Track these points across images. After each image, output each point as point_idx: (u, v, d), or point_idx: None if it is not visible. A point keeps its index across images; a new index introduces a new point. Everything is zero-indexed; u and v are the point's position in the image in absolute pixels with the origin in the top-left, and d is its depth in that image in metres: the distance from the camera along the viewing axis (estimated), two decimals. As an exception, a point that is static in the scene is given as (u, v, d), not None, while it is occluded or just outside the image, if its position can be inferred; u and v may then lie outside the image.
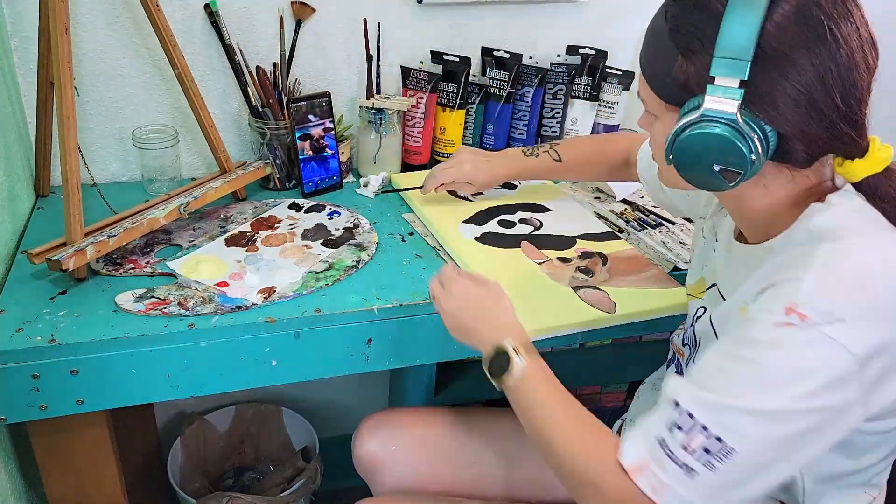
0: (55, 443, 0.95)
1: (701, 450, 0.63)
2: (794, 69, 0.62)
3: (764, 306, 0.65)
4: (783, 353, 0.62)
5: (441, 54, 1.31)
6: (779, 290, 0.65)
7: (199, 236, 1.09)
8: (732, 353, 0.65)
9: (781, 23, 0.62)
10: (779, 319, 0.62)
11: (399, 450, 1.09)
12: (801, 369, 0.61)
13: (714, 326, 0.80)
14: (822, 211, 0.68)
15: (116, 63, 1.18)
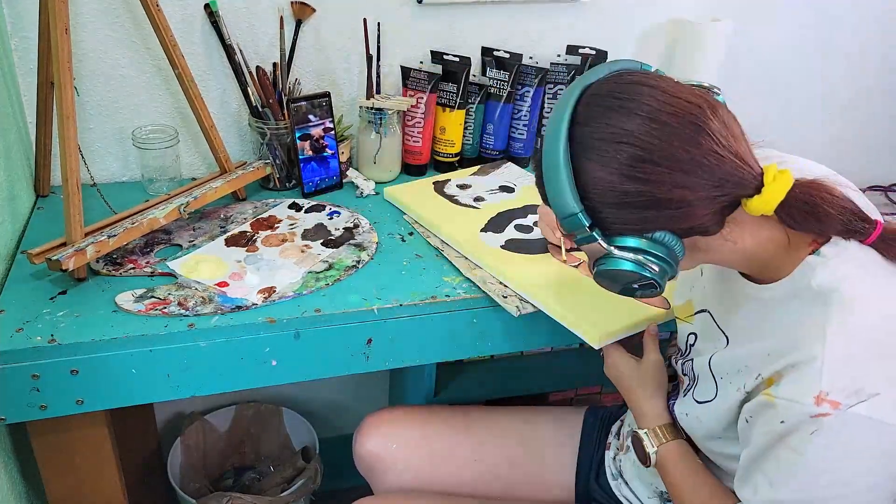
0: (55, 443, 0.95)
1: None
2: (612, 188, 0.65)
3: (791, 396, 0.65)
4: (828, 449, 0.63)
5: (441, 54, 1.31)
6: (801, 376, 0.65)
7: (199, 236, 1.09)
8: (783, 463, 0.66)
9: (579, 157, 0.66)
10: (811, 411, 0.63)
11: (400, 448, 1.09)
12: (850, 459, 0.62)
13: (713, 371, 0.79)
14: (820, 266, 0.68)
15: (116, 63, 1.18)
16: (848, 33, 1.55)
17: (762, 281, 0.74)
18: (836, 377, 0.62)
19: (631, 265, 0.68)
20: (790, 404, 0.65)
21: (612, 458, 1.02)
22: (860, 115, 1.66)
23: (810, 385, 0.63)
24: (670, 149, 0.64)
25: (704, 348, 0.83)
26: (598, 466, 1.04)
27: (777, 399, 0.66)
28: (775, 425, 0.66)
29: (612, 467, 1.01)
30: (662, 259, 0.68)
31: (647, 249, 0.67)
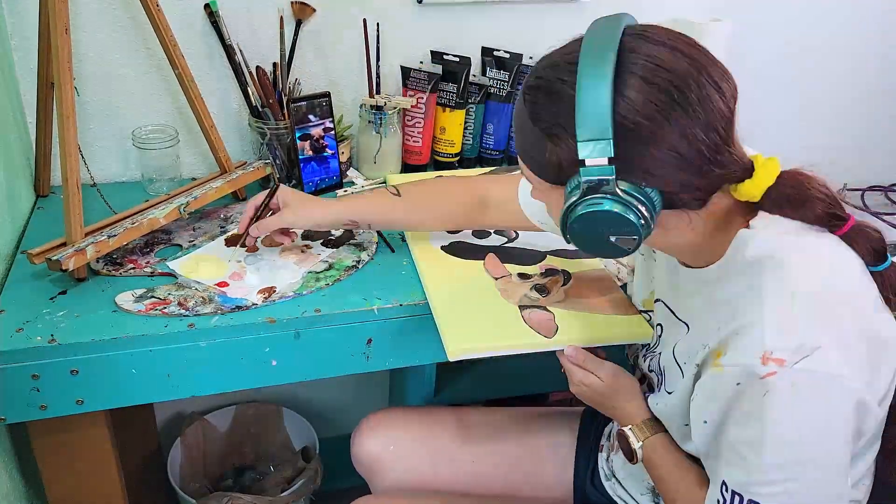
0: (55, 443, 0.95)
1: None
2: (658, 136, 0.64)
3: (738, 360, 0.66)
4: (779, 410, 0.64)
5: (441, 54, 1.31)
6: (744, 340, 0.67)
7: (199, 236, 1.09)
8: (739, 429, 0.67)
9: (632, 97, 0.64)
10: (759, 371, 0.64)
11: (399, 449, 1.09)
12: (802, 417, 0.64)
13: (678, 360, 0.80)
14: (752, 238, 0.70)
15: (116, 63, 1.18)
16: (848, 33, 1.55)
17: (698, 266, 0.77)
18: (777, 336, 0.64)
19: (623, 208, 0.66)
20: (737, 368, 0.66)
21: (605, 459, 1.02)
22: (860, 115, 1.66)
23: (754, 347, 0.65)
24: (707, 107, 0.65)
25: (668, 339, 0.84)
26: (594, 468, 1.04)
27: (725, 367, 0.68)
28: (728, 391, 0.67)
29: (605, 468, 1.01)
30: (650, 213, 0.67)
31: (643, 199, 0.67)
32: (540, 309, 0.95)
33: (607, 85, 0.64)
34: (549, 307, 0.96)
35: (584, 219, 0.69)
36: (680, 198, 0.68)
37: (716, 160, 0.66)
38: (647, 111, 0.64)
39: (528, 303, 0.96)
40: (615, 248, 0.70)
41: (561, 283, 1.01)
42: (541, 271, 1.03)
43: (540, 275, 1.02)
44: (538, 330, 0.92)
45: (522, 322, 0.93)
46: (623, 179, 0.66)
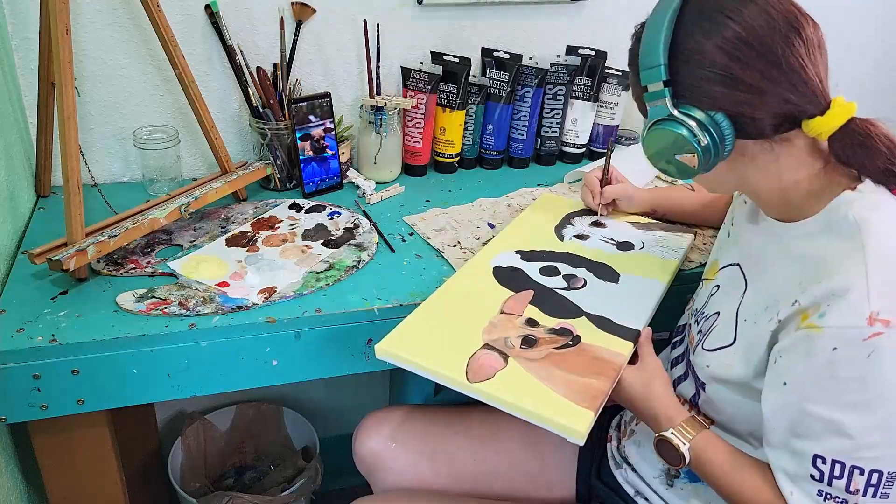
0: (56, 443, 0.95)
1: (868, 486, 0.68)
2: (701, 55, 0.71)
3: (842, 321, 0.66)
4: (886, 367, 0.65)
5: (441, 55, 1.32)
6: (847, 301, 0.67)
7: (199, 236, 1.09)
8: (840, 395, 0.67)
9: (684, 23, 0.72)
10: (864, 333, 0.65)
11: (400, 448, 1.09)
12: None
13: (738, 316, 0.81)
14: (857, 200, 0.72)
15: (117, 63, 1.18)
16: (847, 33, 1.55)
17: (789, 221, 0.78)
18: (883, 297, 0.65)
19: (686, 131, 0.73)
20: (841, 330, 0.66)
21: (616, 447, 1.02)
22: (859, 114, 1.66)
23: (860, 309, 0.66)
24: (769, 39, 0.70)
25: (726, 297, 0.85)
26: (599, 461, 1.04)
27: (826, 328, 0.67)
28: (823, 355, 0.67)
29: (617, 456, 1.01)
30: (713, 139, 0.72)
31: (705, 123, 0.72)
32: (500, 355, 0.85)
33: (666, 17, 0.72)
34: (513, 358, 0.85)
35: (648, 141, 0.78)
36: (748, 121, 0.72)
37: (775, 79, 0.69)
38: (691, 32, 0.72)
39: (499, 346, 0.86)
40: (684, 167, 0.77)
41: (557, 345, 0.88)
42: (556, 326, 0.91)
43: (549, 329, 0.90)
44: (471, 370, 0.82)
45: (466, 357, 0.84)
46: (684, 103, 0.73)
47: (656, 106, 0.75)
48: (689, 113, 0.73)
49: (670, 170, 0.79)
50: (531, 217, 1.17)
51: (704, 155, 0.73)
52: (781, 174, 0.76)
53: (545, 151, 1.44)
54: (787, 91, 0.70)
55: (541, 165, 1.45)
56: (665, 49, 0.72)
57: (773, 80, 0.70)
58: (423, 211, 1.21)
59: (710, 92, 0.72)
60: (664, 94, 0.73)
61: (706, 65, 0.71)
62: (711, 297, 0.89)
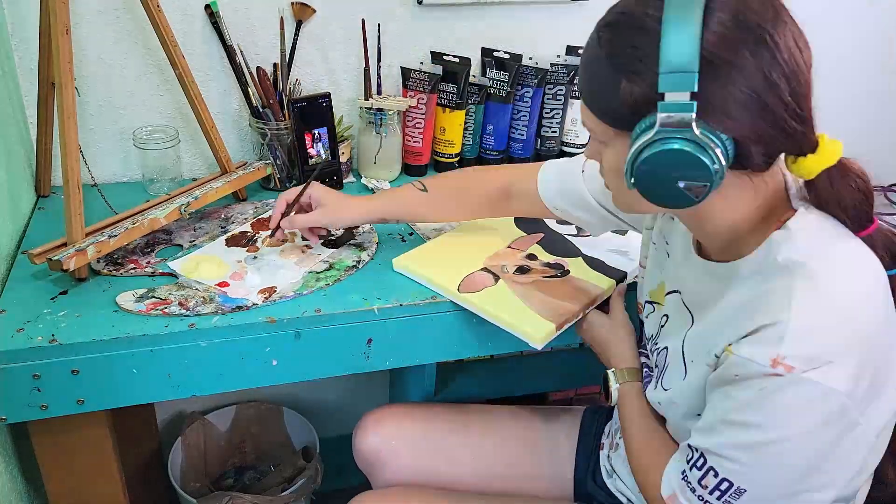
0: (56, 443, 0.95)
1: (716, 489, 0.70)
2: (741, 74, 0.62)
3: (750, 356, 0.67)
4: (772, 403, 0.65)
5: (441, 55, 1.32)
6: (762, 338, 0.66)
7: (199, 236, 1.09)
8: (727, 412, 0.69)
9: (720, 31, 0.62)
10: (766, 371, 0.65)
11: (400, 444, 1.09)
12: (792, 412, 0.65)
13: (685, 353, 0.80)
14: (786, 241, 0.69)
15: (117, 63, 1.18)
16: (847, 33, 1.55)
17: (722, 259, 0.76)
18: (795, 345, 0.64)
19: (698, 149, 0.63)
20: (745, 362, 0.67)
21: (606, 455, 1.02)
22: (859, 115, 1.66)
23: (769, 348, 0.65)
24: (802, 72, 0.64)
25: (674, 330, 0.84)
26: (595, 466, 1.05)
27: (734, 355, 0.68)
28: (728, 376, 0.69)
29: (607, 465, 1.02)
30: (723, 162, 0.64)
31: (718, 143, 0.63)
32: (493, 277, 0.99)
33: (697, 17, 0.61)
34: (503, 280, 0.99)
35: (656, 159, 0.65)
36: (750, 151, 0.65)
37: (794, 113, 0.64)
38: (733, 46, 0.62)
39: (495, 270, 1.01)
40: (682, 196, 0.67)
41: (546, 275, 1.02)
42: (551, 261, 1.05)
43: (545, 262, 1.04)
44: (464, 284, 0.97)
45: (462, 274, 0.99)
46: (700, 119, 0.63)
47: (671, 121, 0.63)
48: (709, 135, 0.63)
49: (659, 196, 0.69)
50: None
51: (714, 183, 0.65)
52: (740, 207, 0.71)
53: (545, 151, 1.44)
54: (798, 124, 0.65)
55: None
56: (698, 54, 0.61)
57: (796, 116, 0.65)
58: (423, 211, 1.21)
59: (735, 116, 0.63)
60: (690, 108, 0.62)
61: (741, 85, 0.62)
62: (661, 329, 0.87)
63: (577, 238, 1.12)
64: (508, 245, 1.08)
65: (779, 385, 0.64)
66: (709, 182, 0.65)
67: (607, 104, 0.68)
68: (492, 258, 1.04)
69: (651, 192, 0.69)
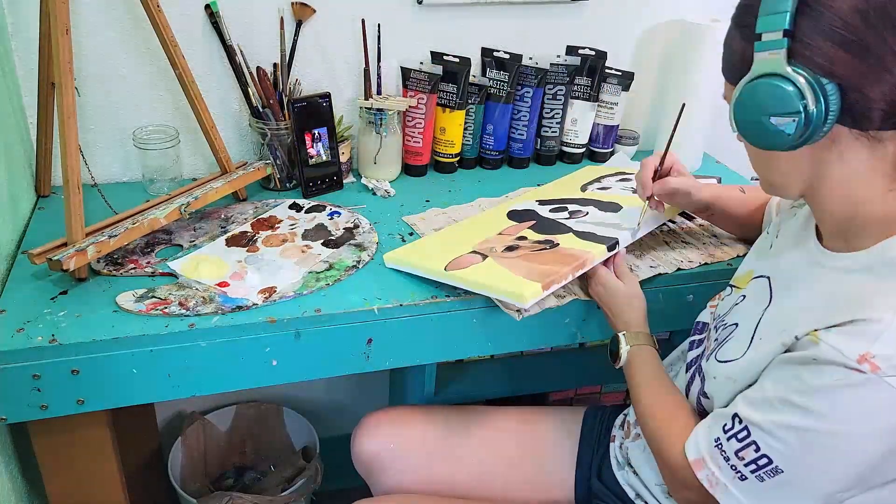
0: (56, 443, 0.96)
1: (752, 462, 0.70)
2: (834, 13, 0.63)
3: (837, 344, 0.65)
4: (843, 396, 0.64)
5: (441, 55, 1.32)
6: (856, 331, 0.65)
7: (199, 236, 1.09)
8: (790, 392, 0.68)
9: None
10: (850, 364, 0.64)
11: (399, 448, 1.09)
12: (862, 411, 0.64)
13: (757, 331, 0.78)
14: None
15: (117, 63, 1.18)
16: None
17: (837, 249, 0.75)
18: (890, 345, 0.63)
19: (793, 88, 0.65)
20: (832, 350, 0.65)
21: (619, 446, 1.02)
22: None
23: (861, 342, 0.64)
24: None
25: (749, 308, 0.83)
26: (601, 462, 1.04)
27: (821, 342, 0.66)
28: (804, 358, 0.67)
29: (619, 456, 1.01)
30: (819, 106, 0.65)
31: (816, 87, 0.65)
32: (481, 256, 0.99)
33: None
34: (491, 257, 0.98)
35: (746, 95, 0.69)
36: (861, 102, 0.65)
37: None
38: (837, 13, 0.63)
39: (484, 251, 1.01)
40: (776, 134, 0.68)
41: (535, 249, 1.00)
42: (541, 239, 1.04)
43: (534, 241, 1.03)
44: (451, 264, 0.97)
45: (451, 257, 0.99)
46: (798, 62, 0.65)
47: (765, 59, 0.66)
48: (802, 72, 0.65)
49: (756, 136, 0.70)
50: (566, 178, 1.27)
51: (805, 122, 0.65)
52: (860, 183, 0.70)
53: (545, 151, 1.44)
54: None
55: (541, 165, 1.45)
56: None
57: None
58: (423, 211, 1.21)
59: (830, 55, 0.64)
60: (781, 44, 0.65)
61: (836, 24, 0.63)
62: (735, 307, 0.87)
63: (569, 220, 1.09)
64: (499, 233, 1.07)
65: (857, 381, 0.63)
66: (797, 118, 0.65)
67: (729, 63, 0.73)
68: (482, 243, 1.03)
69: (748, 133, 0.71)
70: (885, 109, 0.65)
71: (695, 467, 0.76)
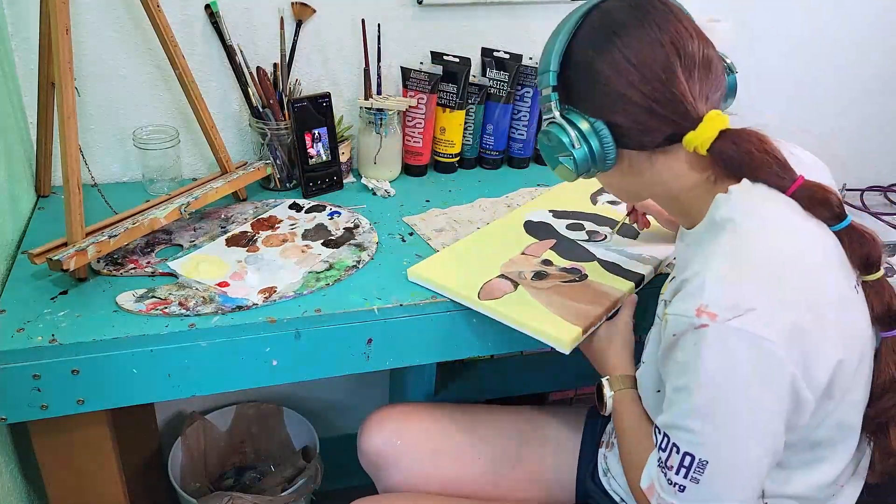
0: (56, 442, 0.95)
1: (681, 466, 0.70)
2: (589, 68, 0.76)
3: (678, 309, 0.70)
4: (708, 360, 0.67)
5: (441, 55, 1.32)
6: (687, 292, 0.70)
7: (199, 236, 1.09)
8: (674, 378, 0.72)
9: (580, 37, 0.77)
10: (694, 322, 0.67)
11: (405, 444, 1.09)
12: (725, 364, 0.66)
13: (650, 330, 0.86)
14: (725, 202, 0.75)
15: (117, 63, 1.18)
16: (847, 34, 1.55)
17: (691, 227, 0.82)
18: (715, 292, 0.67)
19: (563, 134, 0.78)
20: (676, 318, 0.70)
21: (603, 455, 1.02)
22: (859, 115, 1.66)
23: (693, 298, 0.68)
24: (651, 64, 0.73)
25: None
26: (594, 465, 1.05)
27: (668, 314, 0.71)
28: (668, 340, 0.71)
29: (603, 463, 1.02)
30: (591, 145, 0.77)
31: (585, 131, 0.77)
32: (512, 283, 0.99)
33: (565, 28, 0.78)
34: (522, 286, 0.98)
35: (540, 141, 0.82)
36: (630, 134, 0.76)
37: (657, 99, 0.73)
38: (585, 47, 0.77)
39: (513, 276, 1.00)
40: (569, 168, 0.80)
41: (565, 280, 1.01)
42: (567, 266, 1.04)
43: (561, 267, 1.04)
44: (483, 291, 0.96)
45: (482, 282, 0.98)
46: (571, 109, 0.79)
47: (548, 109, 0.80)
48: (572, 119, 0.78)
49: (560, 171, 0.82)
50: (571, 185, 1.24)
51: (581, 160, 0.78)
52: (667, 183, 0.80)
53: (545, 151, 1.44)
54: (662, 108, 0.74)
55: (541, 165, 1.45)
56: (558, 57, 0.78)
57: (651, 99, 0.73)
58: (423, 211, 1.21)
59: (594, 101, 0.77)
60: (551, 98, 0.79)
61: (593, 77, 0.76)
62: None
63: (588, 243, 1.11)
64: (522, 252, 1.07)
65: (707, 335, 0.66)
66: (572, 154, 0.78)
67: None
68: (507, 265, 1.03)
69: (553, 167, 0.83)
70: (648, 134, 0.76)
71: (648, 495, 0.76)
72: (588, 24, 0.77)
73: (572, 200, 1.24)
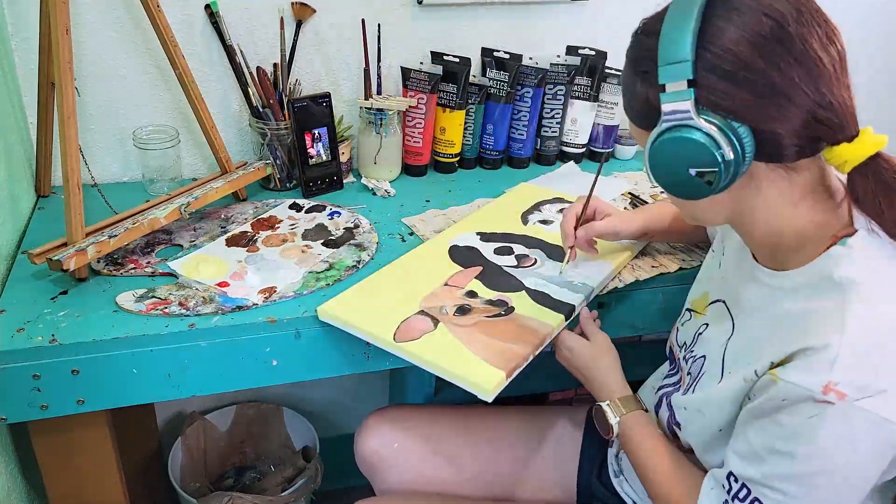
0: (56, 442, 0.95)
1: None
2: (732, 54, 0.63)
3: (800, 380, 0.65)
4: (826, 436, 0.64)
5: (441, 55, 1.32)
6: (812, 362, 0.64)
7: (199, 236, 1.09)
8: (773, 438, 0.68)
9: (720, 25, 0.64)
10: (817, 396, 0.63)
11: (402, 447, 1.09)
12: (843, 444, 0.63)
13: (725, 364, 0.78)
14: (845, 257, 0.67)
15: (117, 63, 1.18)
16: (847, 34, 1.55)
17: (774, 268, 0.74)
18: (848, 369, 0.62)
19: (708, 139, 0.64)
20: (795, 388, 0.65)
21: (615, 455, 1.02)
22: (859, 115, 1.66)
23: (820, 373, 0.63)
24: (806, 45, 0.63)
25: (713, 337, 0.83)
26: (601, 464, 1.04)
27: (781, 381, 0.66)
28: (775, 402, 0.67)
29: (615, 464, 1.01)
30: (736, 153, 0.64)
31: (729, 134, 0.64)
32: (432, 320, 0.90)
33: (693, 13, 0.63)
34: (443, 323, 0.90)
35: (660, 149, 0.67)
36: (773, 139, 0.64)
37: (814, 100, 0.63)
38: (735, 38, 0.63)
39: (433, 312, 0.91)
40: (697, 185, 0.67)
41: (490, 314, 0.92)
42: (493, 298, 0.96)
43: (486, 300, 0.95)
44: (400, 331, 0.88)
45: (399, 320, 0.89)
46: (705, 109, 0.65)
47: (672, 110, 0.65)
48: (713, 121, 0.64)
49: (677, 188, 0.70)
50: (502, 202, 1.21)
51: (725, 171, 0.65)
52: (782, 209, 0.70)
53: (545, 151, 1.44)
54: (817, 107, 0.63)
55: (541, 165, 1.45)
56: (693, 43, 0.63)
57: (804, 89, 0.63)
58: (423, 211, 1.21)
59: (733, 96, 0.64)
60: (688, 95, 0.64)
61: (734, 63, 0.63)
62: (700, 336, 0.86)
63: (517, 269, 1.02)
64: (445, 282, 0.98)
65: (830, 413, 0.63)
66: (717, 168, 0.65)
67: (633, 107, 0.72)
68: (427, 299, 0.94)
69: (668, 184, 0.70)
70: (797, 143, 0.65)
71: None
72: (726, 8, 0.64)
73: (502, 221, 1.15)
